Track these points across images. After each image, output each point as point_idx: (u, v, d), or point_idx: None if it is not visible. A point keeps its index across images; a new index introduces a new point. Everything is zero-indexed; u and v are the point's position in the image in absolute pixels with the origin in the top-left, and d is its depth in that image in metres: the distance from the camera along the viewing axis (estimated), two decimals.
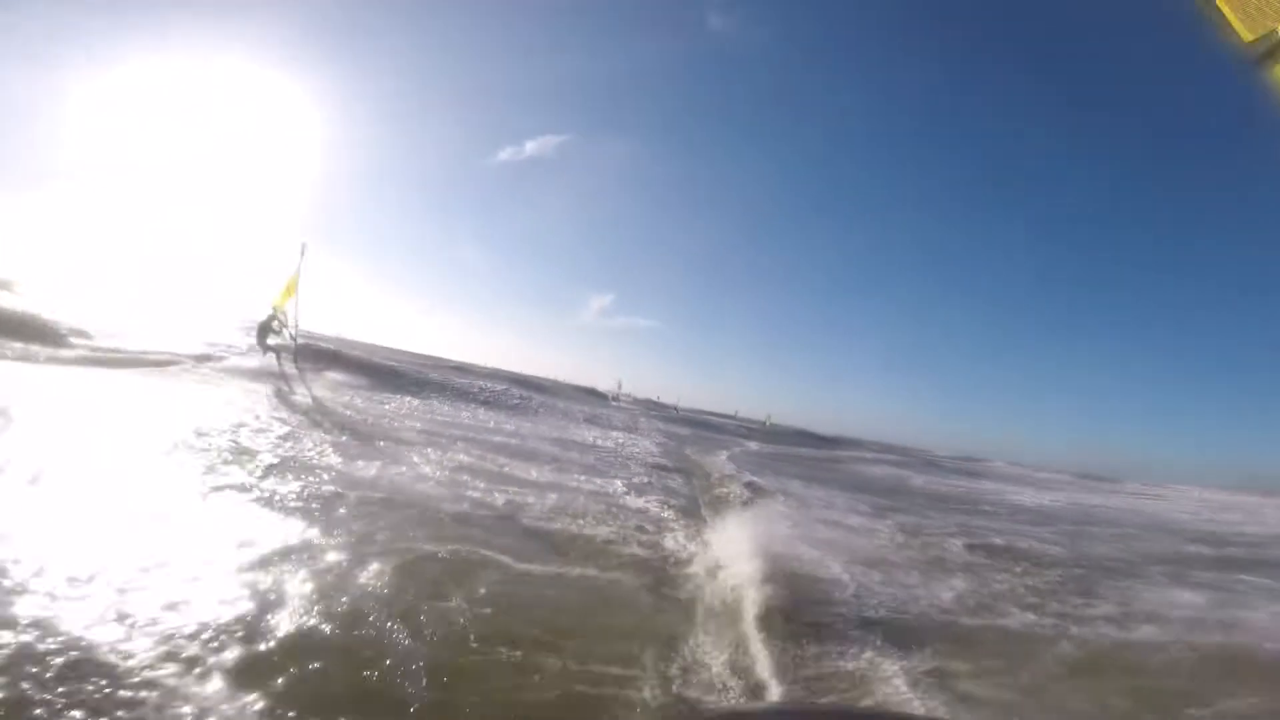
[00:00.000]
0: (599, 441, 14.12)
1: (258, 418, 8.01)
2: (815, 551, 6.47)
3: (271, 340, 14.18)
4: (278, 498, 4.92)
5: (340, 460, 6.64)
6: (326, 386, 13.21)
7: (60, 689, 2.20)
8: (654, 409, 37.04)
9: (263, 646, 2.74)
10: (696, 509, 8.20)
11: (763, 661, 3.58)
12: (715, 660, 3.53)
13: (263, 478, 5.38)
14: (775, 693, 3.19)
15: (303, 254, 13.13)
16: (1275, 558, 10.53)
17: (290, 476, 5.55)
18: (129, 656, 2.44)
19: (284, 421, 8.23)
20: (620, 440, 15.07)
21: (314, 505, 4.90)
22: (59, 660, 2.34)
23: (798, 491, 11.98)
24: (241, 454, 6.00)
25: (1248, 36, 1.40)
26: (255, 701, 2.38)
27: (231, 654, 2.62)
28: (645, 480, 9.43)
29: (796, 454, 23.43)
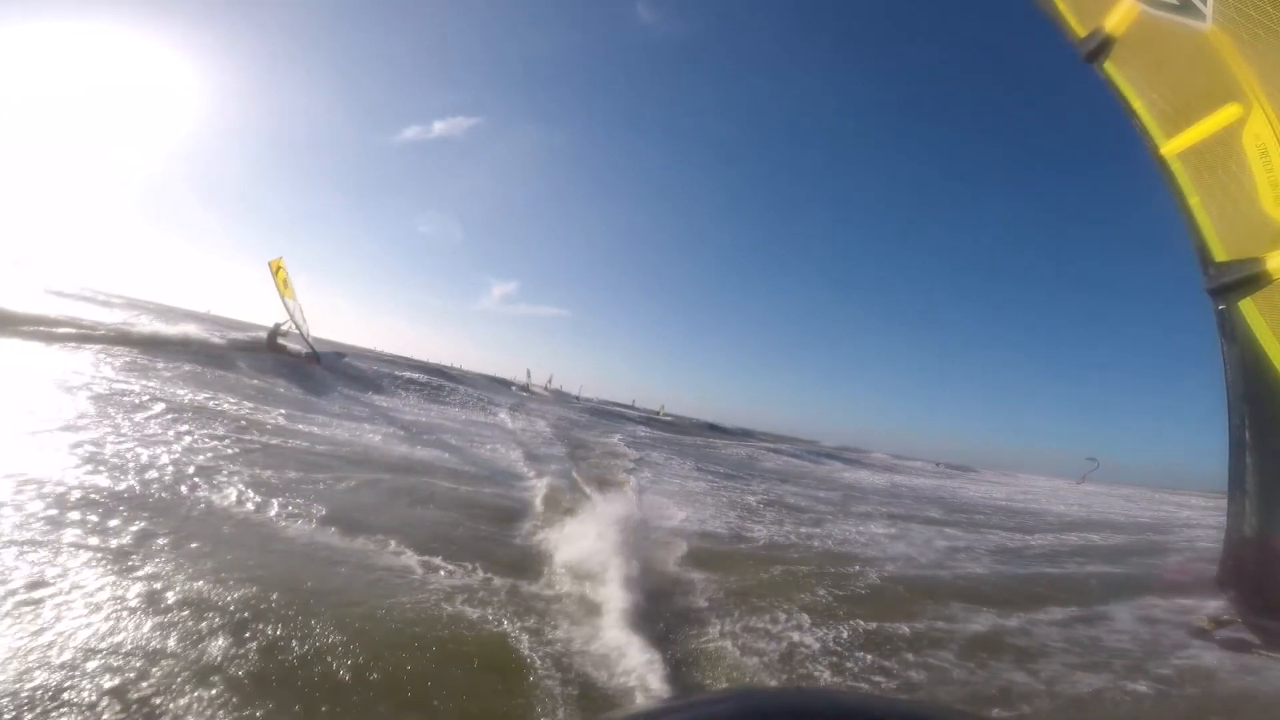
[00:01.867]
0: (500, 423, 16.93)
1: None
2: (652, 492, 9.84)
3: (283, 342, 16.62)
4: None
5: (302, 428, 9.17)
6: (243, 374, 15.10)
7: None
8: (558, 398, 40.18)
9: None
10: (570, 470, 11.36)
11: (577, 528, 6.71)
12: (552, 523, 6.69)
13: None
14: (593, 529, 6.25)
15: (276, 272, 15.37)
16: (974, 520, 15.04)
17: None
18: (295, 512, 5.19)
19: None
20: (515, 423, 17.92)
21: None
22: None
23: (661, 461, 15.56)
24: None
25: (1081, 32, 1.38)
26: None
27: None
28: (535, 449, 12.49)
29: (678, 439, 27.27)
